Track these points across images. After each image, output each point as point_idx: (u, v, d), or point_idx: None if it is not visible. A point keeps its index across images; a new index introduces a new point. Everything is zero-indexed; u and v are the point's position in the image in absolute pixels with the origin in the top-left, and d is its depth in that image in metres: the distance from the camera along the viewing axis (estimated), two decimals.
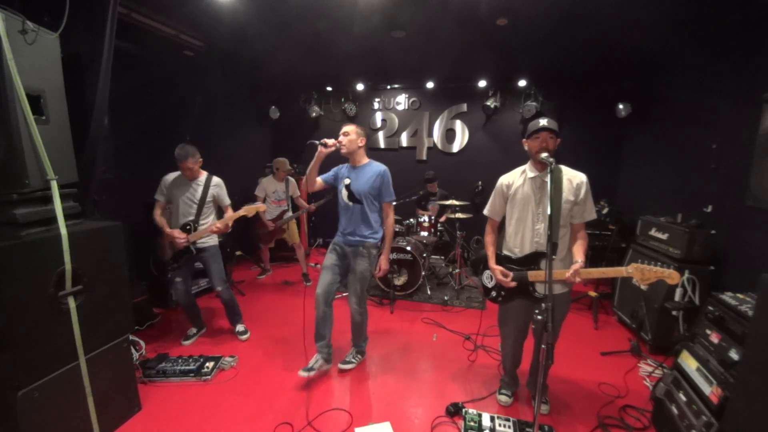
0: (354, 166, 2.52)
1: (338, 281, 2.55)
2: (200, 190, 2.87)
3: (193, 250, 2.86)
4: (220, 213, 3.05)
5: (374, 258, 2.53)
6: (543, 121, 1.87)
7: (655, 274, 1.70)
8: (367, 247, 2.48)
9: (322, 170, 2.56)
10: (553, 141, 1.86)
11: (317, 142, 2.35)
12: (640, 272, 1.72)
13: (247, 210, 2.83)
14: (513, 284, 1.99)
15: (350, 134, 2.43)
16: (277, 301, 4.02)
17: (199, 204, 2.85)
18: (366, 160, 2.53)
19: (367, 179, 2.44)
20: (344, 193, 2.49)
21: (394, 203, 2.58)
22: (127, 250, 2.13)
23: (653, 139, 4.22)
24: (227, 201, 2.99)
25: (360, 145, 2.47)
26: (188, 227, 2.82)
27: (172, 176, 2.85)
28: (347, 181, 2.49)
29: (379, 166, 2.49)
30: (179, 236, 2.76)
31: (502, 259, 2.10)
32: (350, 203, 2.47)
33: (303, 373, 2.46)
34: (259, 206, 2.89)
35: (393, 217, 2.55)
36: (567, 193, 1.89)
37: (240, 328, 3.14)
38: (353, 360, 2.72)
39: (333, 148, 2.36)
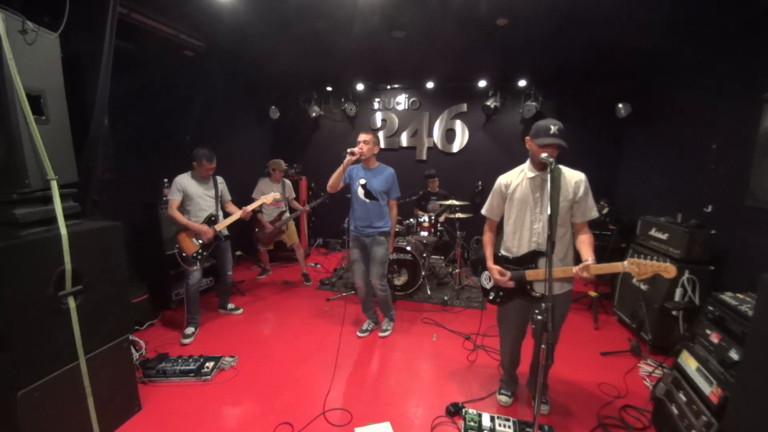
0: (368, 168, 2.95)
1: (367, 266, 3.03)
2: (212, 186, 3.22)
3: (222, 237, 3.21)
4: None
5: (387, 243, 3.00)
6: (553, 129, 1.80)
7: (651, 268, 1.68)
8: (383, 234, 2.96)
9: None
10: (558, 151, 1.84)
11: (348, 151, 2.76)
12: (636, 266, 1.70)
13: (265, 197, 3.34)
14: (511, 284, 1.98)
15: (369, 143, 2.85)
16: (277, 301, 4.02)
17: (216, 199, 3.23)
18: (377, 163, 2.98)
19: (382, 180, 2.92)
20: (361, 192, 2.93)
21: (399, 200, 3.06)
22: (127, 250, 2.13)
23: (653, 139, 4.22)
24: (230, 197, 3.37)
25: (375, 152, 2.92)
26: (213, 218, 3.16)
27: (185, 177, 3.09)
28: (363, 181, 2.92)
29: (389, 169, 2.98)
30: (208, 230, 3.07)
31: (499, 259, 2.09)
32: (367, 200, 2.92)
33: (360, 334, 3.18)
34: (275, 194, 3.37)
35: (396, 210, 3.07)
36: (566, 192, 1.89)
37: (231, 305, 3.63)
38: (388, 327, 3.24)
39: (357, 156, 2.80)
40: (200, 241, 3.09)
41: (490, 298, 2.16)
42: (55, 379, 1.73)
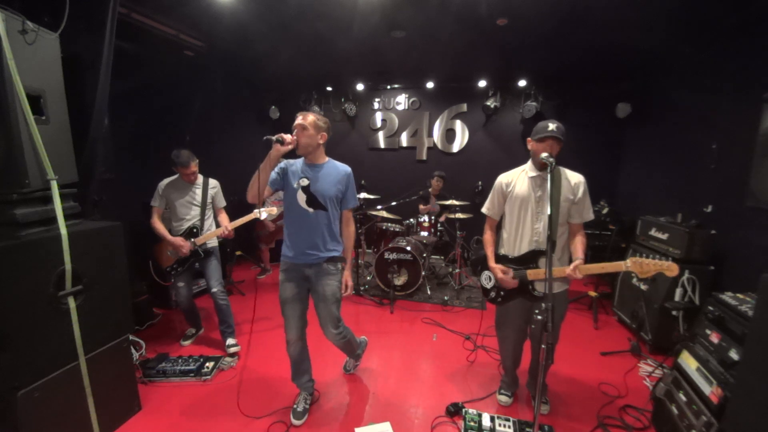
0: (312, 164, 2.05)
1: (306, 309, 2.17)
2: (200, 192, 2.85)
3: (201, 253, 2.82)
4: None
5: (341, 272, 2.14)
6: (552, 126, 1.84)
7: (654, 267, 1.69)
8: (335, 261, 2.10)
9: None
10: (558, 146, 1.86)
11: (273, 138, 1.87)
12: (638, 266, 1.70)
13: (267, 211, 2.74)
14: (515, 283, 1.99)
15: (308, 129, 1.94)
16: (277, 301, 3.99)
17: (202, 206, 2.85)
18: (326, 158, 2.10)
19: (333, 180, 2.04)
20: (301, 197, 2.01)
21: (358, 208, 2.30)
22: (127, 250, 2.13)
23: (653, 139, 4.22)
24: (223, 203, 2.99)
25: (320, 142, 2.00)
26: (195, 230, 2.81)
27: (167, 181, 2.80)
28: (305, 182, 2.01)
29: (345, 167, 2.11)
30: (184, 244, 2.72)
31: (500, 259, 2.10)
32: (310, 209, 2.01)
33: (298, 422, 2.11)
34: (271, 209, 2.77)
35: (354, 225, 2.23)
36: (566, 192, 1.91)
37: (230, 341, 2.87)
38: (351, 368, 2.68)
39: (291, 146, 1.91)
40: (177, 255, 2.80)
41: (491, 297, 2.16)
42: (55, 379, 1.73)
